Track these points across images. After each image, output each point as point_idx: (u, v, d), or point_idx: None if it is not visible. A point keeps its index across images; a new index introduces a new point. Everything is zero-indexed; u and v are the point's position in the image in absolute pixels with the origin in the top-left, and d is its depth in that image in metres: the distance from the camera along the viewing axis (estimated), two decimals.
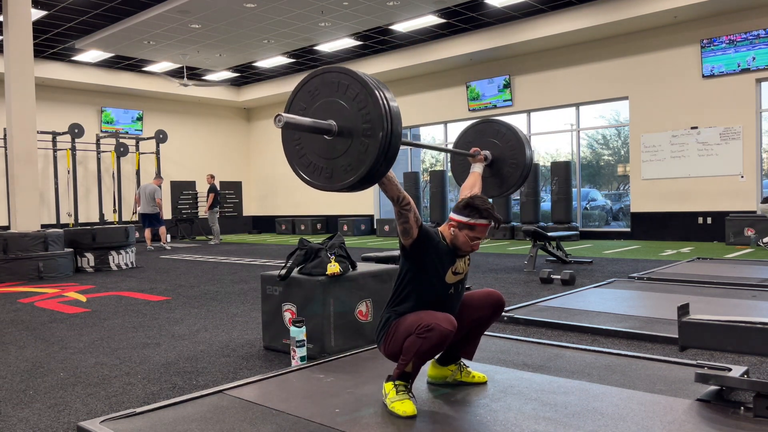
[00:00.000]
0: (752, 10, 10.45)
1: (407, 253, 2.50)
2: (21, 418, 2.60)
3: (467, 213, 2.49)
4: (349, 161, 2.18)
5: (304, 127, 2.21)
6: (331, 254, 3.48)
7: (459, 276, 2.57)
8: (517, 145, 3.28)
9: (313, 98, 2.29)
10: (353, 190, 2.25)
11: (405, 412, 2.34)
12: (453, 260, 2.53)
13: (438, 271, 2.49)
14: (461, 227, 2.49)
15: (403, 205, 2.39)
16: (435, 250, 2.49)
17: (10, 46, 8.38)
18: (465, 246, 2.50)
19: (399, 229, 2.45)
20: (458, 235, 2.50)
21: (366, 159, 2.13)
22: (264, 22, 11.79)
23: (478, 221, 2.47)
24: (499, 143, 3.29)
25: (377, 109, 2.11)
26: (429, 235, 2.48)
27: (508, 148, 3.29)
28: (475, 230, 2.48)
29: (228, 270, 8.34)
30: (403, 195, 2.38)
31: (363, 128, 2.14)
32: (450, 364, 2.75)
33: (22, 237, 7.77)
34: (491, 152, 3.30)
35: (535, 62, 13.14)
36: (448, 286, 2.53)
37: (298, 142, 2.35)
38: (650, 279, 5.99)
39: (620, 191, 13.77)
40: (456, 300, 2.60)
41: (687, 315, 2.58)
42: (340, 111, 2.20)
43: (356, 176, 2.16)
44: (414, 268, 2.50)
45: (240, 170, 19.51)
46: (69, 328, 4.54)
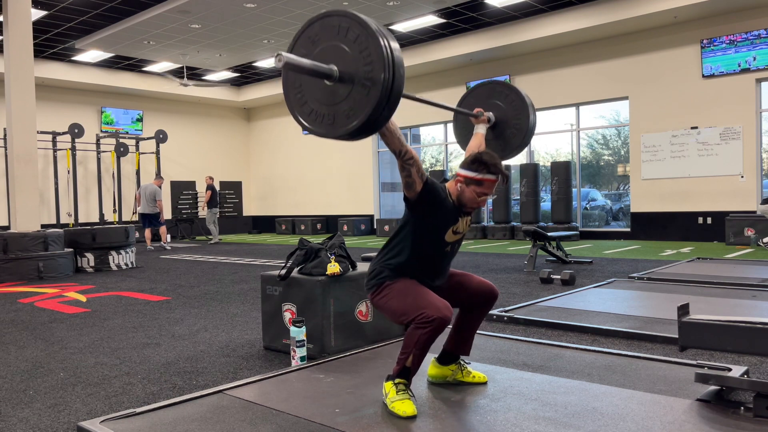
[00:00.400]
0: (752, 10, 10.45)
1: (410, 205, 2.46)
2: (21, 418, 2.60)
3: (475, 168, 2.44)
4: (350, 106, 2.12)
5: (304, 68, 2.14)
6: (331, 254, 3.48)
7: (458, 236, 2.54)
8: (521, 107, 3.16)
9: (313, 44, 2.22)
10: (355, 137, 2.19)
11: (405, 412, 2.34)
12: (456, 219, 2.50)
13: (439, 228, 2.47)
14: (468, 182, 2.45)
15: (405, 159, 2.35)
16: (440, 205, 2.45)
17: (10, 46, 8.38)
18: (471, 202, 2.47)
19: (402, 182, 2.41)
20: (465, 190, 2.46)
21: (368, 103, 2.07)
22: (264, 22, 11.79)
23: (486, 176, 2.43)
24: (503, 105, 3.18)
25: (378, 50, 2.05)
26: (434, 191, 2.44)
27: (512, 109, 3.18)
28: (483, 186, 2.44)
29: (228, 270, 8.34)
30: (406, 148, 2.34)
31: (364, 71, 2.08)
32: (450, 364, 2.75)
33: (22, 237, 7.77)
34: (495, 114, 3.19)
35: (535, 62, 13.14)
36: (446, 244, 2.51)
37: (299, 90, 2.28)
38: (650, 279, 5.99)
39: (620, 191, 13.77)
40: (449, 259, 2.59)
41: (687, 315, 2.58)
42: (341, 55, 2.14)
43: (358, 121, 2.10)
44: (415, 221, 2.48)
45: (240, 170, 19.51)
46: (69, 328, 4.54)
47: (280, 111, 18.64)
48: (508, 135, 3.18)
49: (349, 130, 2.14)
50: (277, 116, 18.80)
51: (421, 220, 2.47)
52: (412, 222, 2.49)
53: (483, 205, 2.52)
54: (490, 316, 4.39)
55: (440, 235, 2.49)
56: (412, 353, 2.36)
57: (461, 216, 2.52)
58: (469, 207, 2.50)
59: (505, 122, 3.19)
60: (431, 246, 2.50)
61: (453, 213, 2.50)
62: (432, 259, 2.52)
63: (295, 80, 2.28)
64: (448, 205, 2.49)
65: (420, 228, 2.48)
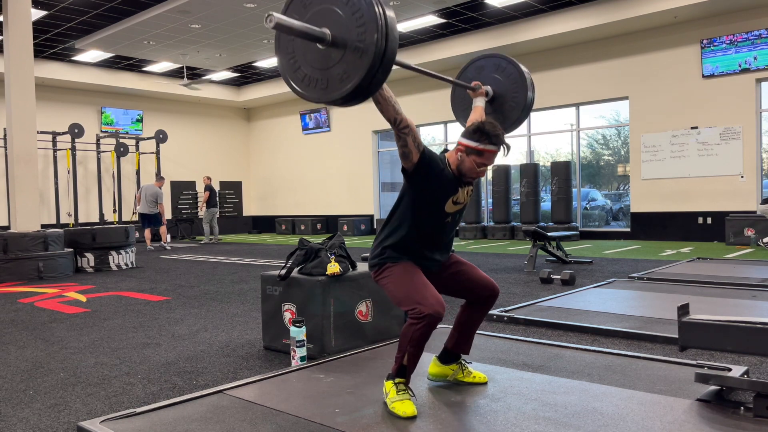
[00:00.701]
0: (752, 10, 10.45)
1: (408, 176, 2.44)
2: (21, 418, 2.60)
3: (477, 138, 2.41)
4: (344, 69, 2.09)
5: (295, 30, 2.11)
6: (331, 254, 3.48)
7: (458, 206, 2.51)
8: (520, 81, 3.07)
9: (305, 8, 2.19)
10: (349, 102, 2.16)
11: (405, 412, 2.34)
12: (455, 189, 2.47)
13: (438, 198, 2.44)
14: (469, 152, 2.42)
15: (401, 128, 2.32)
16: (438, 176, 2.43)
17: (10, 46, 8.38)
18: (471, 172, 2.44)
19: (399, 152, 2.38)
20: (465, 160, 2.43)
21: (361, 65, 2.04)
22: (263, 21, 11.78)
23: (487, 147, 2.40)
24: (501, 79, 3.10)
25: (371, 12, 2.03)
26: (432, 161, 2.42)
27: (511, 83, 3.10)
28: (483, 156, 2.41)
29: (228, 270, 8.34)
30: (401, 117, 2.32)
31: (357, 32, 2.05)
32: (451, 363, 2.75)
33: (22, 237, 7.77)
34: (493, 88, 3.11)
35: (535, 62, 13.12)
36: (446, 215, 2.48)
37: (292, 56, 2.25)
38: (650, 279, 5.99)
39: (620, 191, 13.76)
40: (450, 230, 2.56)
41: (687, 315, 2.58)
42: (334, 18, 2.12)
43: (352, 85, 2.07)
44: (413, 192, 2.45)
45: (240, 170, 19.51)
46: (69, 328, 4.54)
47: (280, 111, 18.64)
48: (506, 109, 3.09)
49: (343, 94, 2.11)
50: (277, 116, 18.80)
51: (419, 192, 2.44)
52: (411, 193, 2.46)
53: (482, 175, 2.47)
54: (490, 316, 4.39)
55: (440, 206, 2.45)
56: (407, 351, 2.36)
57: (461, 186, 2.49)
58: (469, 177, 2.47)
59: (503, 96, 3.10)
60: (431, 217, 2.46)
61: (452, 183, 2.46)
62: (433, 231, 2.49)
63: (288, 45, 2.25)
64: (446, 174, 2.45)
65: (418, 199, 2.44)
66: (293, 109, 18.18)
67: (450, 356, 2.75)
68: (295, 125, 18.23)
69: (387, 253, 2.49)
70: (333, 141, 17.28)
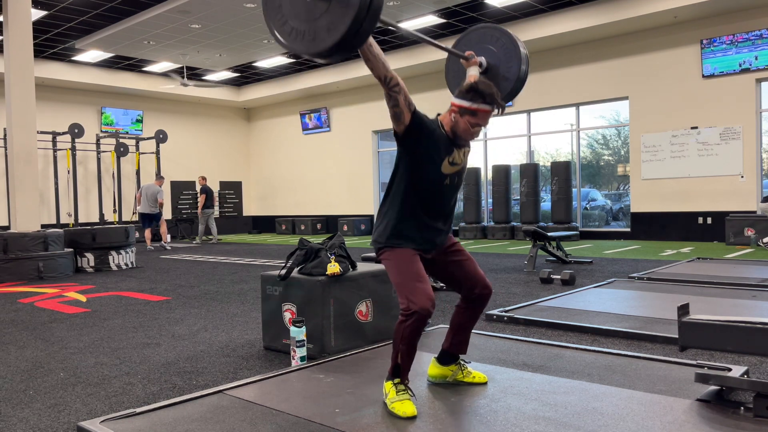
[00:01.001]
0: (752, 10, 10.45)
1: (400, 140, 2.41)
2: (21, 418, 2.60)
3: (470, 97, 2.37)
4: (330, 19, 2.09)
5: None
6: (331, 254, 3.48)
7: (456, 167, 2.47)
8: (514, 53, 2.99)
9: None
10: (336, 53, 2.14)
11: (405, 413, 2.34)
12: (450, 149, 2.44)
13: (434, 158, 2.40)
14: (462, 113, 2.39)
15: (391, 86, 2.29)
16: (430, 137, 2.40)
17: (10, 46, 8.38)
18: (465, 133, 2.41)
19: (390, 113, 2.35)
20: (459, 121, 2.40)
21: (347, 13, 2.04)
22: (264, 22, 11.78)
23: (481, 106, 2.37)
24: (496, 50, 3.03)
25: None
26: (424, 122, 2.39)
27: (504, 54, 3.03)
28: (477, 116, 2.38)
29: (228, 270, 8.34)
30: (392, 75, 2.29)
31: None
32: (450, 364, 2.75)
33: (22, 237, 7.77)
34: (487, 59, 3.02)
35: (535, 62, 13.12)
36: (444, 177, 2.44)
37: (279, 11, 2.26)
38: (650, 279, 5.99)
39: (620, 191, 13.76)
40: (451, 193, 2.51)
41: (687, 315, 2.58)
42: None
43: (338, 34, 2.06)
44: (408, 156, 2.42)
45: (240, 170, 19.51)
46: (69, 328, 4.55)
47: (280, 111, 18.64)
48: (500, 80, 3.01)
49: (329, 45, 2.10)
50: (277, 116, 18.80)
51: (413, 153, 2.41)
52: (406, 158, 2.43)
53: (476, 136, 2.43)
54: (490, 316, 4.39)
55: (436, 167, 2.41)
56: (399, 350, 2.37)
57: (456, 147, 2.46)
58: (463, 139, 2.44)
59: (496, 68, 3.03)
60: (428, 179, 2.42)
61: (446, 143, 2.43)
62: (431, 194, 2.45)
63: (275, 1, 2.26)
64: (440, 135, 2.42)
65: (414, 161, 2.41)
66: (293, 109, 18.18)
67: (448, 357, 2.74)
68: (295, 125, 18.23)
69: (387, 232, 2.48)
70: (333, 141, 17.28)
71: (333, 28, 2.09)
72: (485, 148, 14.55)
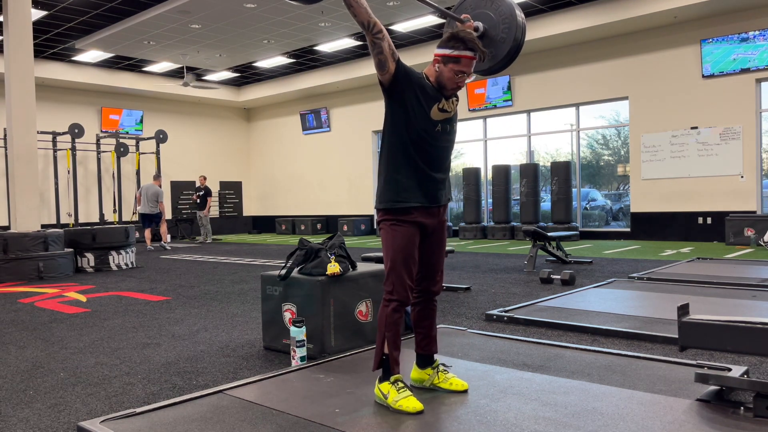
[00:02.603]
0: (752, 10, 10.45)
1: (387, 90, 2.42)
2: (21, 418, 2.60)
3: (452, 45, 2.39)
4: None
5: None
6: (331, 254, 3.48)
7: (446, 114, 2.47)
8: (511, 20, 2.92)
9: None
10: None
11: (415, 408, 2.36)
12: (438, 97, 2.44)
13: (422, 104, 2.41)
14: (446, 61, 2.39)
15: (375, 33, 2.30)
16: (417, 84, 2.41)
17: (10, 46, 8.38)
18: (450, 82, 2.41)
19: (374, 62, 2.36)
20: (443, 70, 2.40)
21: None
22: (264, 22, 11.79)
23: (463, 53, 2.37)
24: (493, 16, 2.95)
25: None
26: (409, 70, 2.41)
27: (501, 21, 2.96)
28: (461, 63, 2.38)
29: (228, 270, 8.34)
30: (374, 20, 2.30)
31: None
32: (426, 367, 2.68)
33: (22, 237, 7.77)
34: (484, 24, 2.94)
35: (535, 62, 13.13)
36: (435, 123, 2.44)
37: None
38: (650, 279, 5.99)
39: (620, 191, 13.76)
40: (444, 142, 2.50)
41: (687, 315, 2.58)
42: None
43: None
44: (396, 104, 2.42)
45: (240, 170, 19.51)
46: (69, 328, 4.55)
47: (280, 111, 18.64)
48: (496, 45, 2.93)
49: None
50: (277, 116, 18.80)
51: (401, 103, 2.41)
52: (394, 108, 2.43)
53: (462, 85, 2.43)
54: (490, 316, 4.39)
55: (425, 113, 2.41)
56: (385, 337, 2.43)
57: (444, 97, 2.46)
58: (449, 88, 2.43)
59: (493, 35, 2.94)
60: (420, 127, 2.41)
61: (433, 91, 2.43)
62: (426, 142, 2.44)
63: None
64: (426, 84, 2.43)
65: (403, 110, 2.41)
66: (293, 109, 18.18)
67: (422, 359, 2.69)
68: (295, 125, 18.23)
69: (391, 188, 2.46)
70: (333, 141, 17.28)
71: None
72: (485, 148, 14.54)
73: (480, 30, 2.91)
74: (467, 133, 14.90)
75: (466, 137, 14.95)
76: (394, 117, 2.45)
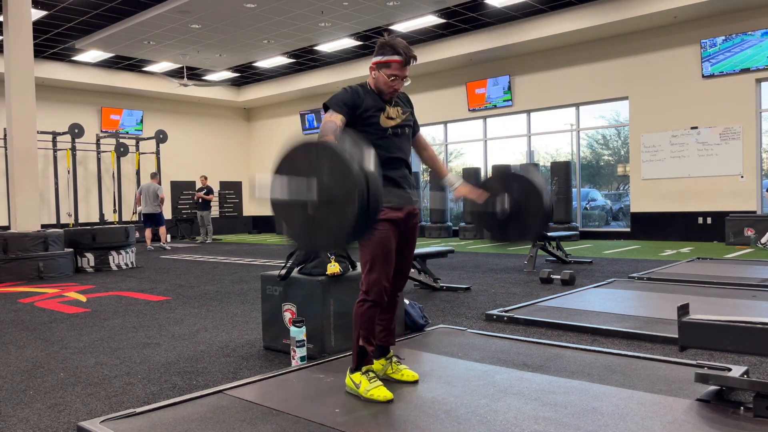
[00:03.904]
0: (752, 10, 10.45)
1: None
2: (21, 418, 2.60)
3: (382, 52, 2.55)
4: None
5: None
6: (330, 254, 3.48)
7: (393, 121, 2.61)
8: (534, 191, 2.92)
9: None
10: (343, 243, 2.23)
11: (385, 397, 2.46)
12: (382, 106, 2.59)
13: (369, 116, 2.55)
14: (379, 67, 2.55)
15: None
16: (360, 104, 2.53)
17: (10, 46, 8.38)
18: (386, 86, 2.56)
19: None
20: (378, 77, 2.56)
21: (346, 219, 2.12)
22: (264, 22, 11.79)
23: (392, 57, 2.52)
24: (517, 191, 2.95)
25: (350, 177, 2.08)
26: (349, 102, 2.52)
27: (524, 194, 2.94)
28: (391, 67, 2.53)
29: (228, 270, 8.34)
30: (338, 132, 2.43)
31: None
32: (380, 358, 2.77)
33: (22, 237, 7.77)
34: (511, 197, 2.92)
35: (535, 62, 13.13)
36: (384, 129, 2.58)
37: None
38: (650, 279, 5.99)
39: (620, 191, 13.76)
40: (400, 143, 2.64)
41: (687, 315, 2.58)
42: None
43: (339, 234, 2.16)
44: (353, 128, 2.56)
45: (240, 170, 19.51)
46: (69, 328, 4.54)
47: (280, 111, 18.64)
48: (529, 218, 2.93)
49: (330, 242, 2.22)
50: (277, 116, 18.80)
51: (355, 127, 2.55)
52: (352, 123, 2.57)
53: (398, 88, 2.58)
54: (490, 316, 4.39)
55: (374, 121, 2.56)
56: (360, 334, 2.51)
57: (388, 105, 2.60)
58: (387, 93, 2.58)
59: (521, 205, 2.92)
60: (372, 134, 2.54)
61: (377, 101, 2.58)
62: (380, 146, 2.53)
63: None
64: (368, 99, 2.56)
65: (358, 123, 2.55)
66: (293, 109, 18.17)
67: (380, 350, 2.76)
68: (295, 125, 18.22)
69: None
70: None
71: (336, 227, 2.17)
72: (485, 147, 14.54)
73: (507, 211, 2.91)
74: (467, 132, 14.90)
75: (466, 137, 14.96)
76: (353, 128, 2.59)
